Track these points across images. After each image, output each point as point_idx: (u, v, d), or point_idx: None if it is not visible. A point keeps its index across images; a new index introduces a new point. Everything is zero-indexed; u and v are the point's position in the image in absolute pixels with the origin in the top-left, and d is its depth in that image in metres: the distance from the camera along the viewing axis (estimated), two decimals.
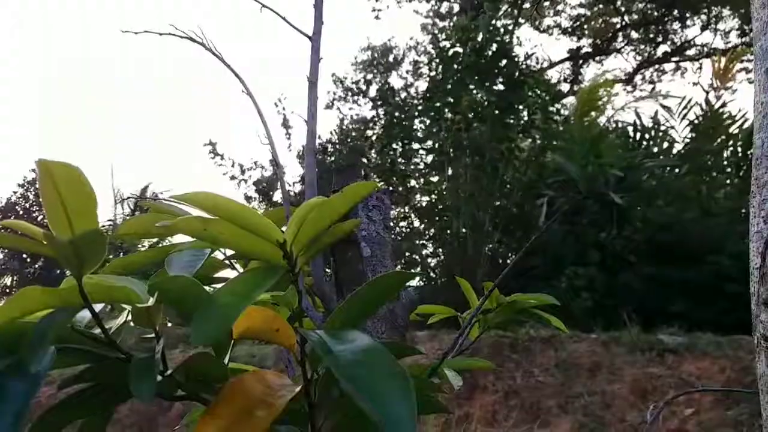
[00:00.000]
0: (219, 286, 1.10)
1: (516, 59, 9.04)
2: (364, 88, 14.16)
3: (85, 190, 0.46)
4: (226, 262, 1.12)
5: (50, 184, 0.44)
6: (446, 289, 7.71)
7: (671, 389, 4.93)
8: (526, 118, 9.32)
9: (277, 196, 10.50)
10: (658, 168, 8.93)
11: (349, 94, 14.15)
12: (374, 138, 10.75)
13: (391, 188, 10.45)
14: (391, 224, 1.25)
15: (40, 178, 0.44)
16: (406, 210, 10.88)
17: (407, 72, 14.81)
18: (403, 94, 12.63)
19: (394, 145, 9.72)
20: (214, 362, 0.60)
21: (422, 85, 13.19)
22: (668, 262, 6.77)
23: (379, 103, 11.79)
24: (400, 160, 9.65)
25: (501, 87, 9.27)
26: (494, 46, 8.83)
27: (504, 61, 8.91)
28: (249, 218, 0.63)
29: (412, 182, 10.32)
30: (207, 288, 1.13)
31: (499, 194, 8.50)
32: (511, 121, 9.04)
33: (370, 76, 14.10)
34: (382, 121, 11.50)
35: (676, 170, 9.27)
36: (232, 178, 10.55)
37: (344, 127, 13.30)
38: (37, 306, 0.52)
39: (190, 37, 1.31)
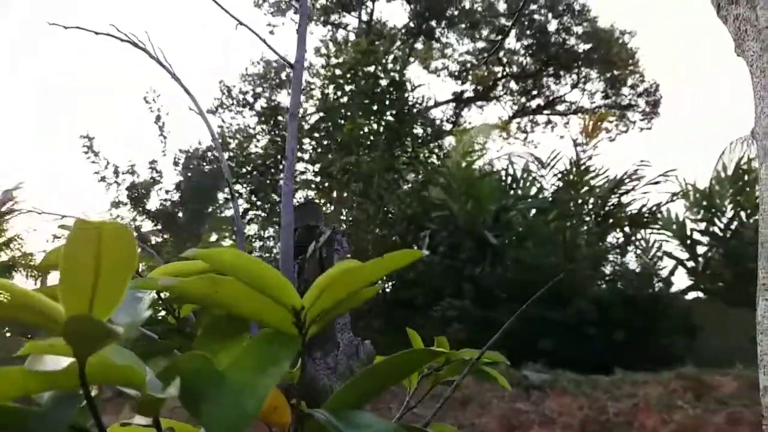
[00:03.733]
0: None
1: (407, 94, 9.30)
2: (251, 100, 13.86)
3: (131, 254, 0.36)
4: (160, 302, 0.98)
5: (91, 246, 0.33)
6: None
7: (535, 425, 5.18)
8: (410, 151, 9.59)
9: (151, 205, 9.86)
10: (528, 211, 9.55)
11: (235, 104, 13.77)
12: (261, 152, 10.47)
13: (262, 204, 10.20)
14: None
15: (77, 239, 0.33)
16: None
17: None
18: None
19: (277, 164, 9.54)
20: None
21: (311, 108, 13.16)
22: (535, 302, 7.19)
23: (263, 118, 11.57)
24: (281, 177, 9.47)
25: (391, 118, 9.49)
26: (385, 81, 9.04)
27: (395, 94, 9.14)
28: (268, 280, 0.54)
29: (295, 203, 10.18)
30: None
31: (383, 223, 8.61)
32: (399, 153, 9.26)
33: (259, 90, 13.83)
34: (267, 137, 11.29)
35: (542, 215, 9.97)
36: (103, 179, 9.77)
37: (226, 137, 12.89)
38: (18, 391, 0.40)
39: (133, 42, 1.16)
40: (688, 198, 10.26)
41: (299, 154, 11.22)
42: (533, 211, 10.12)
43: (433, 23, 15.74)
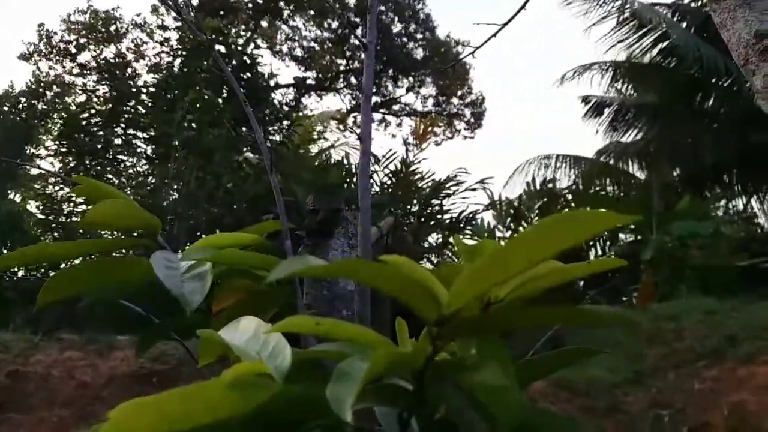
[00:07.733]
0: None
1: (260, 75, 9.11)
2: (74, 51, 12.50)
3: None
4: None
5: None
6: None
7: None
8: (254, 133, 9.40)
9: None
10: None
11: (55, 52, 12.33)
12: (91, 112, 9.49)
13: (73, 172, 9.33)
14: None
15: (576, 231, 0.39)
16: None
17: (128, 49, 13.51)
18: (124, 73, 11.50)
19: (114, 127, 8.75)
20: None
21: (141, 67, 12.19)
22: None
23: (96, 75, 10.51)
24: (117, 141, 8.72)
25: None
26: (242, 58, 8.76)
27: (248, 73, 8.90)
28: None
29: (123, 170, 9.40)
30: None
31: (219, 202, 8.34)
32: (244, 133, 9.03)
33: (83, 41, 12.50)
34: (100, 95, 10.28)
35: (377, 210, 10.42)
36: None
37: (41, 87, 11.50)
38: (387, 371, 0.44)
39: None
40: (495, 208, 11.43)
41: (127, 116, 10.37)
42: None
43: (282, 3, 15.50)
